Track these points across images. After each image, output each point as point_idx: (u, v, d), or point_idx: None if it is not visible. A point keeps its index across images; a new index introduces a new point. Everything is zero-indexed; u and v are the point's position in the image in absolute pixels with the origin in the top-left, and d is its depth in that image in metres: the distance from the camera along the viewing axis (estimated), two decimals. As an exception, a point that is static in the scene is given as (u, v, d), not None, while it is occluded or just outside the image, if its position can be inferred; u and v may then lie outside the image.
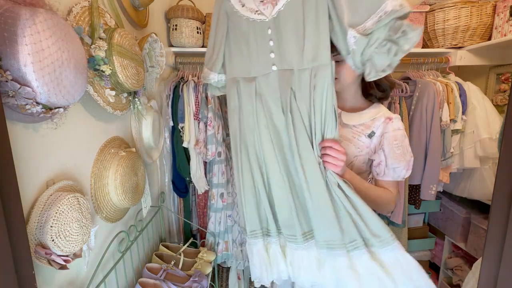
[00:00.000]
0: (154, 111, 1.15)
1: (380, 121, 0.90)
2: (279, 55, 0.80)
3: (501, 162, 0.49)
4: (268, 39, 0.80)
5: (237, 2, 0.85)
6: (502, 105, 1.62)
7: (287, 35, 0.77)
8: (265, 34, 0.80)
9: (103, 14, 0.81)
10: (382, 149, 0.89)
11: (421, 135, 1.46)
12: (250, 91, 0.84)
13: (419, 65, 1.65)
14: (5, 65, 0.46)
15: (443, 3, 1.51)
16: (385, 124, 0.90)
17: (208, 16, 1.57)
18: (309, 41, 0.75)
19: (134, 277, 1.07)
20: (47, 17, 0.50)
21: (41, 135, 0.62)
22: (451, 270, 1.80)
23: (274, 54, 0.80)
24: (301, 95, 0.77)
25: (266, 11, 0.79)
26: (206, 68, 0.93)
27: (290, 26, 0.77)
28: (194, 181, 1.45)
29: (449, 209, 1.82)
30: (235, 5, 0.84)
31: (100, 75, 0.74)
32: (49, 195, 0.60)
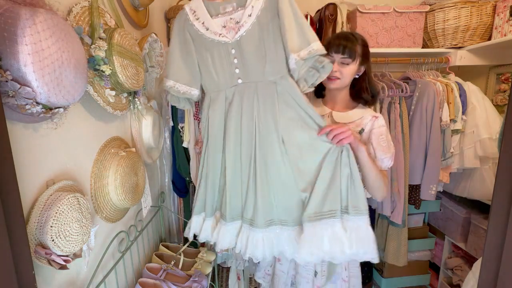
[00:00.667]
0: (154, 111, 1.15)
1: (368, 119, 1.06)
2: (243, 70, 0.97)
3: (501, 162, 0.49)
4: (232, 57, 0.96)
5: (201, 26, 0.99)
6: (502, 105, 1.62)
7: (250, 55, 0.95)
8: (229, 53, 0.96)
9: (103, 14, 0.81)
10: (371, 143, 1.04)
11: (421, 135, 1.46)
12: (221, 100, 1.01)
13: (419, 65, 1.65)
14: (5, 65, 0.46)
15: (443, 3, 1.51)
16: (372, 122, 1.05)
17: None
18: (269, 59, 0.94)
19: (134, 277, 1.07)
20: (47, 17, 0.50)
21: (41, 135, 0.62)
22: (451, 270, 1.80)
23: (239, 70, 0.97)
24: (265, 101, 0.95)
25: (229, 35, 0.96)
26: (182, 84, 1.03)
27: (252, 48, 0.94)
28: (194, 181, 1.45)
29: (449, 209, 1.82)
30: (200, 29, 0.99)
31: (100, 75, 0.74)
32: (49, 195, 0.60)
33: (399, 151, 1.45)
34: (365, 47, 1.06)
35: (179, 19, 1.00)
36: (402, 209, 1.51)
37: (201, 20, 0.98)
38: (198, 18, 0.98)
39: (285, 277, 1.23)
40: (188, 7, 0.99)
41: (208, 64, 1.00)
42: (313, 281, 1.14)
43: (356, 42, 1.03)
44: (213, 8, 0.98)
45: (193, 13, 0.99)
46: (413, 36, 1.59)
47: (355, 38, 1.04)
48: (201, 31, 0.98)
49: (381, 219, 1.75)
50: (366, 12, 1.54)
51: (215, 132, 1.02)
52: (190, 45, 1.00)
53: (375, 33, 1.57)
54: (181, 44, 1.01)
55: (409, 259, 1.77)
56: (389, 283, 1.90)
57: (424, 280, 1.95)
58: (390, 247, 1.65)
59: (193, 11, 0.99)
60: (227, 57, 0.97)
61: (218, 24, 0.96)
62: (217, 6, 0.98)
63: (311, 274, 1.14)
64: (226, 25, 0.96)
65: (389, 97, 1.46)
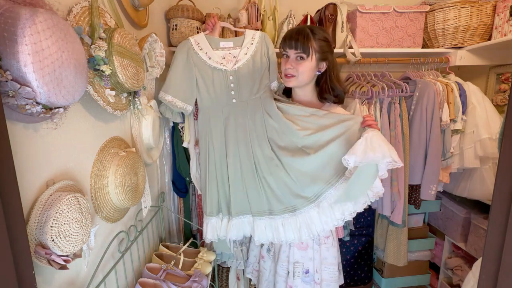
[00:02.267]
0: (154, 111, 1.15)
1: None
2: (237, 92, 1.22)
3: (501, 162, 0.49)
4: (229, 82, 1.22)
5: (204, 56, 1.23)
6: (502, 105, 1.62)
7: (244, 82, 1.22)
8: (228, 79, 1.22)
9: (103, 14, 0.81)
10: None
11: (421, 135, 1.46)
12: (218, 115, 1.23)
13: (419, 65, 1.65)
14: (5, 65, 0.46)
15: (443, 3, 1.51)
16: None
17: (208, 16, 1.57)
18: (258, 83, 1.23)
19: (134, 277, 1.07)
20: (47, 17, 0.50)
21: (41, 135, 0.62)
22: (451, 270, 1.80)
23: (234, 92, 1.22)
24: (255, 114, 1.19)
25: (228, 65, 1.22)
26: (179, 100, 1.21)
27: (246, 76, 1.22)
28: (194, 181, 1.45)
29: (449, 209, 1.82)
30: (203, 57, 1.22)
31: (100, 75, 0.74)
32: (49, 195, 0.60)
33: (399, 151, 1.45)
34: (324, 41, 1.01)
35: (184, 45, 1.23)
36: (402, 209, 1.51)
37: (205, 51, 1.23)
38: (202, 49, 1.23)
39: (267, 274, 1.29)
40: (192, 39, 1.24)
41: (208, 85, 1.22)
42: (286, 280, 1.21)
43: (311, 36, 1.00)
44: (213, 43, 1.24)
45: (197, 44, 1.23)
46: (413, 36, 1.59)
47: (311, 33, 1.00)
48: (204, 59, 1.22)
49: (381, 219, 1.75)
50: (366, 12, 1.54)
51: (218, 145, 1.21)
52: (192, 68, 1.22)
53: (375, 33, 1.57)
54: (184, 65, 1.21)
55: (409, 259, 1.77)
56: (389, 283, 1.90)
57: (424, 280, 1.95)
58: (390, 247, 1.65)
59: (197, 43, 1.23)
60: (226, 82, 1.21)
61: (219, 56, 1.23)
62: (217, 42, 1.25)
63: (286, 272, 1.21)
64: (226, 57, 1.23)
65: (389, 97, 1.45)
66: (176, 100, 1.20)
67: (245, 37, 1.27)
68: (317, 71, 1.05)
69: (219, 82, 1.21)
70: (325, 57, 1.03)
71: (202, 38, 1.24)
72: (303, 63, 1.01)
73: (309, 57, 1.00)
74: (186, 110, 1.24)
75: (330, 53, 1.04)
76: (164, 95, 1.19)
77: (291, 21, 1.57)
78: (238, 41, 1.27)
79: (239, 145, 1.18)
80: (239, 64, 1.22)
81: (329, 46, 1.03)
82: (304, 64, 1.01)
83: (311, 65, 1.02)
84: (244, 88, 1.21)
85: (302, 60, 1.01)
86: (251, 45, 1.25)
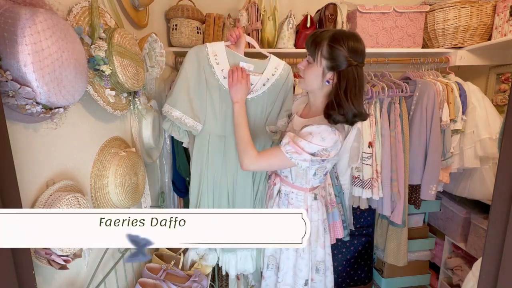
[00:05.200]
0: (154, 111, 1.15)
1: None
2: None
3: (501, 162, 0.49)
4: None
5: (220, 73, 1.06)
6: (502, 105, 1.62)
7: (254, 113, 1.13)
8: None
9: (103, 14, 0.81)
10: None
11: (421, 135, 1.46)
12: (219, 145, 1.12)
13: (419, 65, 1.65)
14: (5, 65, 0.46)
15: (443, 3, 1.51)
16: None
17: (208, 16, 1.57)
18: (265, 119, 1.16)
19: (134, 277, 1.07)
20: (47, 17, 0.50)
21: (41, 135, 0.62)
22: (451, 270, 1.80)
23: None
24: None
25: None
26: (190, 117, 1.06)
27: (258, 108, 1.13)
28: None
29: (449, 209, 1.82)
30: (218, 74, 1.06)
31: (100, 75, 0.74)
32: (49, 195, 0.60)
33: (399, 151, 1.45)
34: (341, 50, 0.86)
35: (199, 52, 1.05)
36: (402, 209, 1.51)
37: (221, 67, 1.06)
38: (219, 63, 1.05)
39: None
40: (210, 48, 1.05)
41: (215, 108, 1.09)
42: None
43: (324, 41, 0.89)
44: (232, 58, 1.07)
45: (214, 56, 1.05)
46: (413, 36, 1.59)
47: (330, 38, 0.88)
48: (217, 75, 1.06)
49: (381, 219, 1.75)
50: (366, 12, 1.54)
51: (213, 177, 1.15)
52: (203, 81, 1.05)
53: (375, 33, 1.57)
54: (195, 76, 1.05)
55: (409, 259, 1.77)
56: (389, 283, 1.90)
57: (424, 280, 1.95)
58: (390, 247, 1.65)
59: (214, 54, 1.05)
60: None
61: None
62: (238, 59, 1.08)
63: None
64: None
65: (389, 97, 1.45)
66: (186, 117, 1.05)
67: (269, 64, 1.11)
68: (326, 80, 0.92)
69: (227, 107, 1.09)
70: (335, 67, 0.89)
71: (221, 49, 1.05)
72: (310, 67, 0.94)
73: (315, 62, 0.92)
74: (196, 130, 1.08)
75: (345, 65, 0.87)
76: (170, 110, 1.03)
77: (291, 21, 1.57)
78: (260, 66, 1.10)
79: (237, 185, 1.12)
80: (253, 95, 1.10)
81: (346, 57, 0.87)
82: (310, 69, 0.94)
83: (316, 71, 0.92)
84: (253, 118, 1.13)
85: (310, 64, 0.95)
86: (272, 76, 1.10)
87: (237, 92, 1.03)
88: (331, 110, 0.90)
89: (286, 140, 0.92)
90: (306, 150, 0.89)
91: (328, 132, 0.89)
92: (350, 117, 0.90)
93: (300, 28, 1.59)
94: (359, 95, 0.90)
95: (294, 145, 0.90)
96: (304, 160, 0.91)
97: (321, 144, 0.89)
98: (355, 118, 0.91)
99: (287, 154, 0.91)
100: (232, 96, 1.04)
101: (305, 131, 0.92)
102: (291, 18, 1.58)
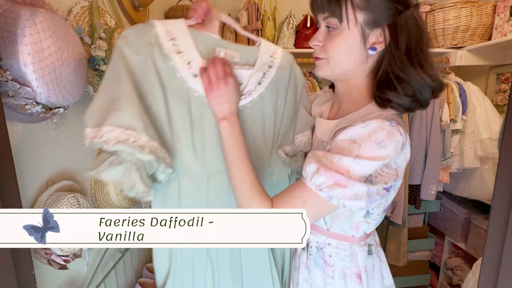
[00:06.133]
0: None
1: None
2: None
3: (501, 162, 0.49)
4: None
5: (185, 68, 0.59)
6: (502, 105, 1.62)
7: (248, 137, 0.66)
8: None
9: (103, 14, 0.81)
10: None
11: (421, 135, 1.46)
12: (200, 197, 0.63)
13: (419, 65, 1.64)
14: (5, 65, 0.46)
15: (443, 3, 1.51)
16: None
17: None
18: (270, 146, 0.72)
19: (134, 277, 1.07)
20: (47, 17, 0.50)
21: (41, 135, 0.62)
22: (451, 270, 1.80)
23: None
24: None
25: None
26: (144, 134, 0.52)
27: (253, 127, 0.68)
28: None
29: (449, 209, 1.82)
30: (182, 71, 0.59)
31: (100, 75, 0.74)
32: (49, 195, 0.60)
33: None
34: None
35: (141, 35, 0.57)
36: (402, 209, 1.51)
37: (186, 58, 0.59)
38: (181, 51, 0.59)
39: None
40: (162, 26, 0.58)
41: (185, 129, 0.61)
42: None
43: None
44: (204, 42, 0.61)
45: (170, 39, 0.58)
46: (413, 36, 1.59)
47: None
48: (183, 74, 0.59)
49: (381, 219, 1.74)
50: (366, 12, 1.54)
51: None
52: (154, 84, 0.57)
53: (375, 33, 1.57)
54: (138, 75, 0.56)
55: (409, 259, 1.77)
56: (389, 283, 1.90)
57: (424, 280, 1.95)
58: (390, 247, 1.65)
59: (170, 36, 0.59)
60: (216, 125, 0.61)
61: None
62: (210, 41, 0.62)
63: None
64: None
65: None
66: (140, 135, 0.52)
67: (260, 52, 0.68)
68: (370, 47, 0.55)
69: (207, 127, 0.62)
70: (384, 17, 0.54)
71: (181, 29, 0.60)
72: (335, 35, 0.56)
73: (343, 22, 0.54)
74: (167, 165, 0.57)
75: (399, 8, 0.53)
76: (98, 132, 0.49)
77: (291, 21, 1.58)
78: (248, 55, 0.67)
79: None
80: (246, 101, 0.65)
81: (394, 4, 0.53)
82: (336, 38, 0.56)
83: (349, 37, 0.55)
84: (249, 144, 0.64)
85: (334, 31, 0.56)
86: (269, 69, 0.68)
87: (221, 100, 0.59)
88: (388, 90, 0.56)
89: (313, 167, 0.53)
90: (354, 175, 0.51)
91: (385, 131, 0.51)
92: (425, 94, 0.55)
93: (300, 28, 1.59)
94: (428, 53, 0.56)
95: (328, 171, 0.52)
96: (355, 198, 0.52)
97: (378, 154, 0.51)
98: (433, 92, 0.56)
99: (321, 192, 0.52)
100: (215, 108, 0.60)
101: (341, 140, 0.54)
102: (291, 18, 1.58)
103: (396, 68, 0.55)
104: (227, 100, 0.60)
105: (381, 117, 0.53)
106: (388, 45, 0.56)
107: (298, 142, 0.71)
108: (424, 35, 0.56)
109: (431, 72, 0.55)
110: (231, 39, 1.55)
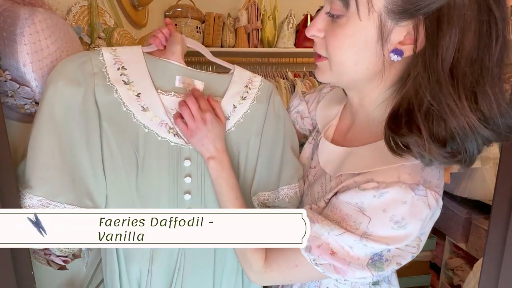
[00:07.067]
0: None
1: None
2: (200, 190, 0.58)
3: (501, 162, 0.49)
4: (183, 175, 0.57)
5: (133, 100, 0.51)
6: (503, 105, 1.62)
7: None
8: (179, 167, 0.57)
9: (103, 13, 0.81)
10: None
11: (421, 135, 1.46)
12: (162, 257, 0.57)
13: (420, 65, 1.64)
14: (4, 64, 0.46)
15: None
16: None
17: (208, 16, 1.57)
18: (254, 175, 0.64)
19: (134, 277, 1.06)
20: (46, 17, 0.50)
21: (41, 135, 0.61)
22: (452, 270, 1.80)
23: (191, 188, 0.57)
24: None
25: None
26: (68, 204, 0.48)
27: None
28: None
29: (450, 209, 1.82)
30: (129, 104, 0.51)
31: (100, 75, 0.74)
32: (48, 195, 0.60)
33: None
34: None
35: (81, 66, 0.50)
36: (403, 209, 1.50)
37: (136, 89, 0.51)
38: (129, 82, 0.51)
39: None
40: (110, 54, 0.51)
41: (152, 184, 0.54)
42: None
43: None
44: (161, 73, 0.54)
45: (119, 69, 0.51)
46: (413, 35, 1.59)
47: None
48: (130, 108, 0.51)
49: (382, 219, 1.74)
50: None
51: None
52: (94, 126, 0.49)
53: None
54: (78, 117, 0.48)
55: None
56: (389, 283, 1.89)
57: (425, 280, 1.95)
58: (390, 247, 1.65)
59: (120, 65, 0.51)
60: (174, 174, 0.55)
61: (167, 106, 0.53)
62: (171, 71, 0.54)
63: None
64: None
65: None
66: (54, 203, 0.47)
67: (232, 80, 0.60)
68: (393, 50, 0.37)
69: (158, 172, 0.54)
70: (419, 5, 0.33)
71: (134, 56, 0.53)
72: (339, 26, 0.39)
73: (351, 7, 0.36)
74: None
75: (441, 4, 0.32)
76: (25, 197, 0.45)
77: (291, 20, 1.58)
78: (216, 83, 0.59)
79: None
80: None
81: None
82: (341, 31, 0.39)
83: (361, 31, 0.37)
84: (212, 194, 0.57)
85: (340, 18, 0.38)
86: (241, 101, 0.59)
87: (204, 142, 0.52)
88: (408, 128, 0.36)
89: (307, 245, 0.43)
90: (356, 256, 0.41)
91: (408, 206, 0.37)
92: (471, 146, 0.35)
93: (301, 27, 1.59)
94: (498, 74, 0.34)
95: (323, 251, 0.42)
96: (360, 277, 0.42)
97: (394, 235, 0.38)
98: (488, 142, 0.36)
99: (318, 267, 0.44)
100: (199, 150, 0.54)
101: (346, 202, 0.42)
102: (291, 17, 1.58)
103: (428, 93, 0.33)
104: (211, 140, 0.52)
105: (403, 181, 0.36)
106: (423, 50, 0.34)
107: (283, 195, 0.60)
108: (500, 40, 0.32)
109: (495, 111, 0.32)
110: (231, 39, 1.55)
